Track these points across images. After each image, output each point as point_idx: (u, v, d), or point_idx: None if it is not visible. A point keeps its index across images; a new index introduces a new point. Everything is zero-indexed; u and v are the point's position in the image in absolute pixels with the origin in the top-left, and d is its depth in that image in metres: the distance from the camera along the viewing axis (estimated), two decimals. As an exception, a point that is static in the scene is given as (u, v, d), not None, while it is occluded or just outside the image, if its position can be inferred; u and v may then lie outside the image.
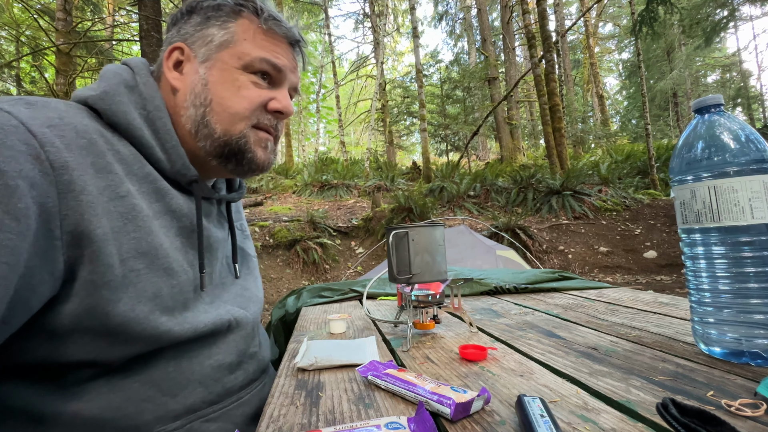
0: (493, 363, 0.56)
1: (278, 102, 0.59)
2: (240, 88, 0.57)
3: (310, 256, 6.05)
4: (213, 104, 0.56)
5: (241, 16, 0.58)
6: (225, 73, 0.56)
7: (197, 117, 0.56)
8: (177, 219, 0.54)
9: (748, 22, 18.63)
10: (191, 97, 0.56)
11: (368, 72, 19.35)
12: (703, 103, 0.54)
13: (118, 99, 0.52)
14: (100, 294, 0.44)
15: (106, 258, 0.44)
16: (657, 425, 0.36)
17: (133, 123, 0.52)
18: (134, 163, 0.51)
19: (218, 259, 0.62)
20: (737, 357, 0.51)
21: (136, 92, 0.55)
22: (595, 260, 5.69)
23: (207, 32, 0.57)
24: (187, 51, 0.58)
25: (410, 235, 0.70)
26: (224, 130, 0.56)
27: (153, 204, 0.51)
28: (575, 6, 20.48)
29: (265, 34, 0.58)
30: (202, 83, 0.56)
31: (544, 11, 8.31)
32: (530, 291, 1.17)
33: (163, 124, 0.55)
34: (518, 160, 11.98)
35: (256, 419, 0.60)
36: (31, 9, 7.32)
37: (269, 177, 10.76)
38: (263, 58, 0.57)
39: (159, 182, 0.53)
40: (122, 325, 0.46)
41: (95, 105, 0.51)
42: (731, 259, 0.51)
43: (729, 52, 21.25)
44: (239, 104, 0.56)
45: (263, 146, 0.60)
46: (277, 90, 0.61)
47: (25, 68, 10.34)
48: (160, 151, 0.54)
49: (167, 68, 0.58)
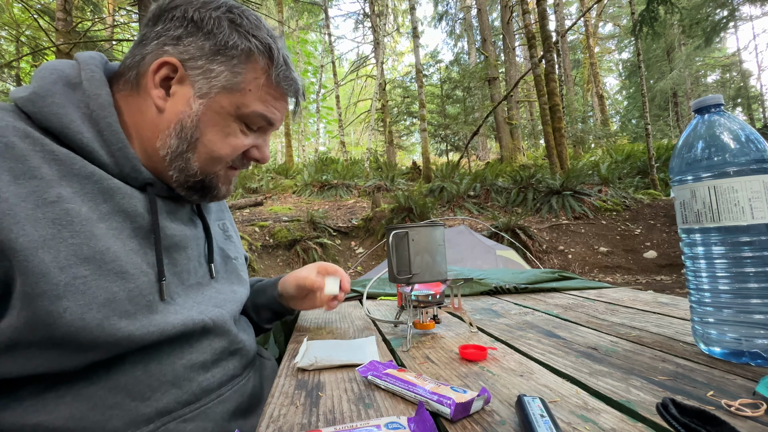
0: (493, 363, 0.56)
1: (258, 152, 0.61)
2: (228, 135, 0.56)
3: (310, 256, 6.05)
4: (198, 144, 0.55)
5: (252, 60, 0.55)
6: (218, 118, 0.55)
7: (178, 149, 0.55)
8: (131, 219, 0.51)
9: (748, 22, 18.64)
10: (177, 128, 0.54)
11: (368, 72, 19.35)
12: (703, 103, 0.54)
13: (50, 101, 0.48)
14: (37, 305, 0.42)
15: (38, 267, 0.42)
16: (657, 425, 0.36)
17: (69, 126, 0.48)
18: (74, 161, 0.48)
19: (191, 258, 0.60)
20: (737, 357, 0.51)
21: (79, 90, 0.51)
22: (595, 260, 5.69)
23: (212, 67, 0.54)
24: (181, 73, 0.53)
25: (410, 235, 0.70)
26: (201, 168, 0.56)
27: (99, 205, 0.49)
28: (575, 6, 20.51)
29: (272, 87, 0.57)
30: (193, 119, 0.54)
31: (544, 11, 8.31)
32: (530, 291, 1.17)
33: (108, 124, 0.51)
34: (518, 160, 11.98)
35: (239, 414, 0.59)
36: (31, 9, 7.32)
37: (269, 177, 10.77)
38: (261, 114, 0.57)
39: (106, 181, 0.50)
40: (71, 335, 0.43)
41: (24, 108, 0.48)
42: (731, 259, 0.51)
43: (729, 52, 21.25)
44: (223, 150, 0.56)
45: (228, 182, 0.62)
46: (260, 137, 0.61)
47: (25, 68, 10.34)
48: (105, 154, 0.51)
49: (152, 82, 0.54)
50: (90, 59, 0.55)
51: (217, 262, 0.67)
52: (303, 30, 19.15)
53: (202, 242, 0.64)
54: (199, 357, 0.56)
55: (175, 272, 0.56)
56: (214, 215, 0.73)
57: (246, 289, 0.73)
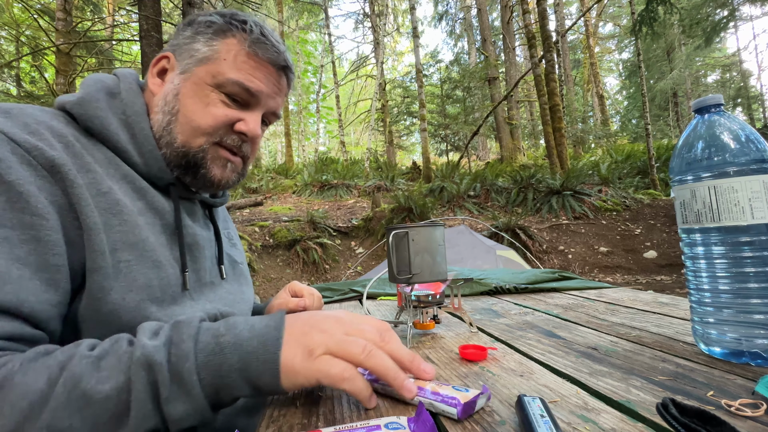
0: (493, 363, 0.56)
1: (244, 124, 0.60)
2: (208, 104, 0.58)
3: (310, 256, 6.06)
4: (179, 114, 0.58)
5: (229, 35, 0.59)
6: (197, 87, 0.58)
7: (163, 123, 0.58)
8: (160, 217, 0.56)
9: (748, 22, 18.64)
10: (161, 103, 0.59)
11: (368, 72, 19.35)
12: (703, 103, 0.54)
13: (95, 105, 0.54)
14: (93, 279, 0.46)
15: (98, 246, 0.47)
16: (657, 425, 0.36)
17: (108, 128, 0.54)
18: (110, 166, 0.53)
19: (206, 257, 0.64)
20: (737, 357, 0.51)
21: (118, 99, 0.58)
22: (595, 260, 5.69)
23: (193, 46, 0.59)
24: (172, 61, 0.60)
25: (410, 235, 0.70)
26: (184, 141, 0.58)
27: (136, 202, 0.54)
28: (575, 6, 20.51)
29: (248, 56, 0.59)
30: (173, 92, 0.59)
31: (544, 11, 8.31)
32: (530, 291, 1.17)
33: (141, 128, 0.57)
34: (518, 160, 11.98)
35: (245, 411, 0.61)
36: (31, 9, 7.32)
37: (269, 177, 10.77)
38: (236, 81, 0.58)
39: (138, 182, 0.55)
40: (113, 313, 0.47)
41: (72, 110, 0.54)
42: (731, 259, 0.51)
43: (729, 52, 21.26)
44: (203, 119, 0.58)
45: (222, 165, 0.61)
46: (248, 112, 0.61)
47: (25, 68, 10.34)
48: (136, 155, 0.56)
49: (151, 74, 0.61)
50: (128, 74, 0.62)
51: (225, 264, 0.70)
52: (303, 30, 19.15)
53: (214, 244, 0.68)
54: None
55: (194, 269, 0.60)
56: (221, 224, 0.75)
57: (252, 291, 0.77)
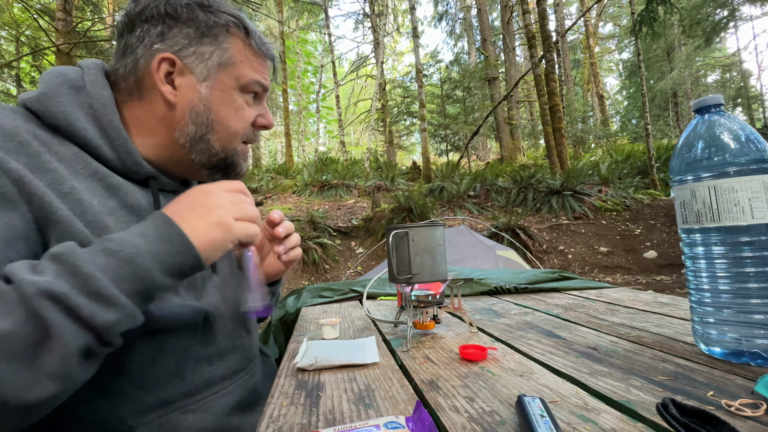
0: (493, 363, 0.56)
1: (264, 119, 0.64)
2: (238, 109, 0.60)
3: (310, 256, 6.05)
4: (215, 124, 0.58)
5: (232, 33, 0.59)
6: (225, 95, 0.58)
7: (197, 134, 0.58)
8: (136, 214, 0.54)
9: (748, 22, 18.63)
10: (192, 116, 0.57)
11: (368, 72, 19.35)
12: (703, 103, 0.54)
13: (57, 100, 0.52)
14: None
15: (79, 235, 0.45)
16: (657, 425, 0.36)
17: (75, 123, 0.52)
18: (77, 163, 0.51)
19: None
20: (737, 357, 0.51)
21: (83, 92, 0.55)
22: (595, 260, 5.69)
23: (203, 49, 0.57)
24: (179, 64, 0.56)
25: (410, 235, 0.70)
26: (222, 147, 0.60)
27: (107, 201, 0.52)
28: (575, 6, 20.51)
29: (255, 54, 0.61)
30: (204, 103, 0.57)
31: (544, 11, 8.30)
32: (530, 291, 1.17)
33: (110, 121, 0.54)
34: (518, 160, 11.97)
35: (239, 409, 0.61)
36: (31, 9, 7.32)
37: (269, 177, 10.77)
38: (257, 80, 0.60)
39: (110, 178, 0.53)
40: None
41: (32, 107, 0.51)
42: (731, 259, 0.51)
43: (729, 52, 21.25)
44: (237, 124, 0.60)
45: (245, 158, 0.65)
46: (261, 106, 0.64)
47: (25, 68, 10.34)
48: (108, 149, 0.54)
49: (159, 80, 0.56)
50: (92, 65, 0.59)
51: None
52: (303, 30, 19.13)
53: None
54: (203, 351, 0.57)
55: None
56: None
57: None
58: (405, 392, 0.48)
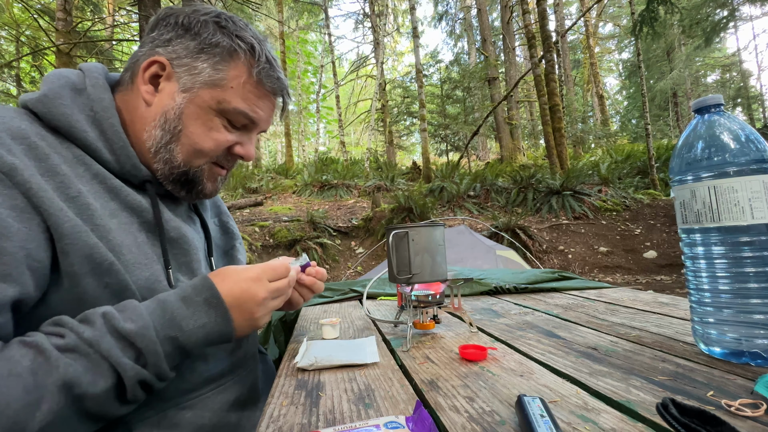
0: (493, 363, 0.56)
1: (242, 148, 0.62)
2: (211, 129, 0.58)
3: (310, 257, 6.05)
4: (181, 136, 0.57)
5: (236, 58, 0.58)
6: (200, 111, 0.57)
7: (162, 140, 0.57)
8: (137, 215, 0.55)
9: (748, 22, 18.64)
10: (161, 120, 0.57)
11: (368, 72, 19.34)
12: (703, 103, 0.54)
13: (59, 102, 0.52)
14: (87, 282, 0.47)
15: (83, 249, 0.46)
16: (657, 425, 0.36)
17: (75, 125, 0.52)
18: (79, 165, 0.52)
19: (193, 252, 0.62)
20: (737, 357, 0.51)
21: (84, 95, 0.55)
22: (595, 260, 5.69)
23: (196, 64, 0.57)
24: (168, 70, 0.57)
25: (410, 235, 0.70)
26: (185, 161, 0.58)
27: (108, 203, 0.52)
28: (575, 6, 20.50)
29: (255, 86, 0.59)
30: (176, 111, 0.57)
31: (544, 11, 8.31)
32: (530, 291, 1.17)
33: (110, 124, 0.55)
34: (518, 160, 11.97)
35: (237, 406, 0.61)
36: (31, 9, 7.32)
37: (269, 177, 10.77)
38: (241, 111, 0.59)
39: (110, 180, 0.54)
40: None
41: (34, 108, 0.52)
42: (731, 259, 0.51)
43: (729, 52, 21.24)
44: (206, 143, 0.58)
45: (213, 179, 0.63)
46: (245, 135, 0.62)
47: (25, 68, 10.34)
48: (107, 152, 0.54)
49: (141, 78, 0.57)
50: (93, 68, 0.59)
51: (216, 257, 0.69)
52: (303, 30, 19.13)
53: (202, 238, 0.67)
54: None
55: (185, 262, 0.59)
56: (211, 212, 0.74)
57: None
58: (405, 392, 0.48)
